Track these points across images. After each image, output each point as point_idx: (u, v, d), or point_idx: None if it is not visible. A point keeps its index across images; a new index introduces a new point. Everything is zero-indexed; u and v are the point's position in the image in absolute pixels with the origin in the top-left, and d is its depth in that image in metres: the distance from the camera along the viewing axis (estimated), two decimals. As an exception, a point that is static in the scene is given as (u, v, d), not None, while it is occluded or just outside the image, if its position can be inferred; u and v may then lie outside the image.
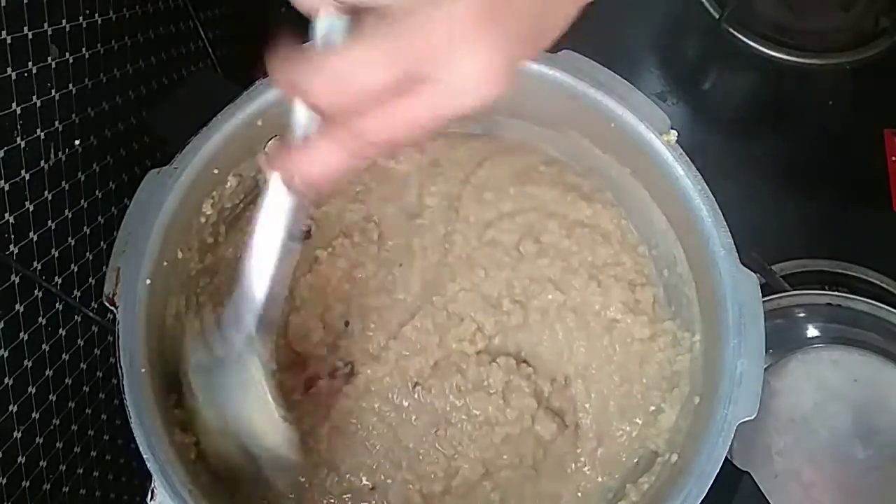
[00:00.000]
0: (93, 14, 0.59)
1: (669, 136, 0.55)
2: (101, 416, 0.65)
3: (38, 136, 0.54)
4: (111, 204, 0.64)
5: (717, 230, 0.53)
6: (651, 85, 0.93)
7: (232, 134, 0.54)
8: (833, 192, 0.87)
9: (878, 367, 0.68)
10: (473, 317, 0.60)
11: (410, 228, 0.63)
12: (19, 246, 0.53)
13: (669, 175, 0.55)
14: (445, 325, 0.60)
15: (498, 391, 0.58)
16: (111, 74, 0.63)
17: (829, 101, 0.92)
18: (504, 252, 0.62)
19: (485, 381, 0.58)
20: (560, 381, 0.59)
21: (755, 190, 0.85)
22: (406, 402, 0.58)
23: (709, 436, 0.48)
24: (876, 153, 0.87)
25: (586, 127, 0.60)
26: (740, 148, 0.90)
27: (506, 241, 0.62)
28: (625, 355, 0.60)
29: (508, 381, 0.58)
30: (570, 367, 0.60)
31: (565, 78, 0.56)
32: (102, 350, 0.64)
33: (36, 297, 0.55)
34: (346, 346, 0.59)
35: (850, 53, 0.92)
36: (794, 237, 0.83)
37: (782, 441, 0.67)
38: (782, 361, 0.69)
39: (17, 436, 0.53)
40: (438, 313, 0.60)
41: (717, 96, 0.96)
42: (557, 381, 0.59)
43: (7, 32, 0.49)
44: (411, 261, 0.62)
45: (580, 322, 0.60)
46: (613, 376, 0.59)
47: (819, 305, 0.72)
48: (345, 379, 0.58)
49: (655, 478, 0.54)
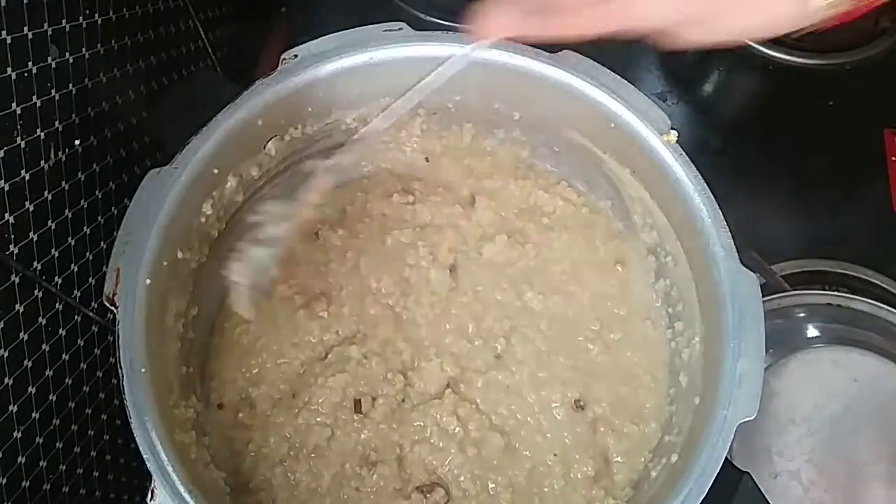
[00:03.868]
0: (93, 14, 0.59)
1: (669, 136, 0.55)
2: (101, 416, 0.65)
3: (38, 136, 0.54)
4: (111, 204, 0.64)
5: (717, 230, 0.53)
6: (651, 85, 0.93)
7: (232, 134, 0.54)
8: (833, 192, 0.87)
9: (878, 367, 0.68)
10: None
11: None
12: (19, 246, 0.53)
13: (669, 175, 0.55)
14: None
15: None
16: (111, 74, 0.63)
17: (829, 101, 0.92)
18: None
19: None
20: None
21: (755, 190, 0.85)
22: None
23: (709, 436, 0.48)
24: (876, 153, 0.87)
25: (586, 127, 0.60)
26: (740, 148, 0.90)
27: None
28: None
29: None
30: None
31: (565, 78, 0.56)
32: (102, 350, 0.64)
33: (36, 297, 0.55)
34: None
35: (850, 53, 0.92)
36: (794, 237, 0.83)
37: (782, 441, 0.67)
38: (782, 361, 0.69)
39: (17, 436, 0.53)
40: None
41: (717, 96, 0.96)
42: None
43: (7, 32, 0.49)
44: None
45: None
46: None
47: (819, 305, 0.72)
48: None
49: (655, 478, 0.54)
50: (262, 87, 0.55)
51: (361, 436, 0.57)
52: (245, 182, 0.58)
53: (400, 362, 0.59)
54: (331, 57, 0.56)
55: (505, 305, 0.62)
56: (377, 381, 0.58)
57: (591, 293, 0.63)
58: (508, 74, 0.57)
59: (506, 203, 0.66)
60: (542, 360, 0.60)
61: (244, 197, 0.60)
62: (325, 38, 0.57)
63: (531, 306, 0.62)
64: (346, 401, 0.57)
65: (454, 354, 0.60)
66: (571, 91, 0.56)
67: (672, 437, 0.55)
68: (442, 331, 0.61)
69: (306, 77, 0.56)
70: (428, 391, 0.58)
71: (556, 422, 0.58)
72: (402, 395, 0.58)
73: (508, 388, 0.59)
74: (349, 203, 0.66)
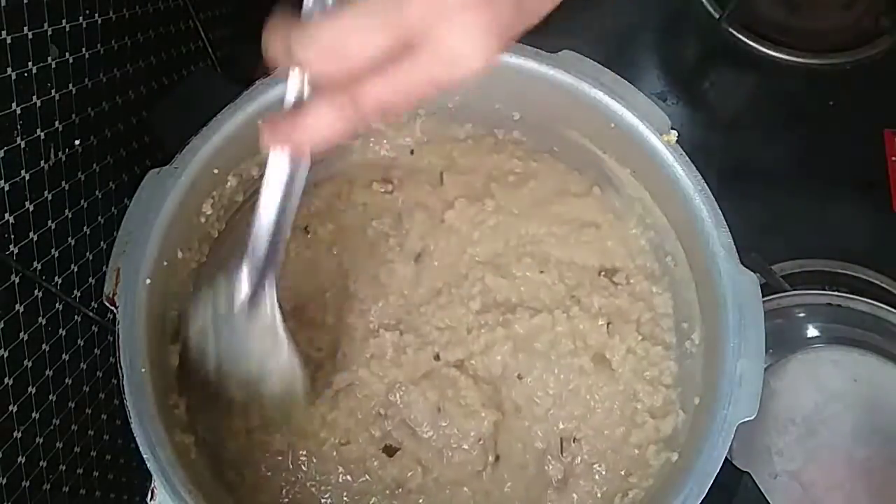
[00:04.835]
0: (93, 14, 0.59)
1: (669, 136, 0.55)
2: (101, 416, 0.65)
3: (38, 136, 0.54)
4: (111, 204, 0.64)
5: (717, 230, 0.53)
6: (651, 85, 0.93)
7: (232, 134, 0.54)
8: (833, 192, 0.87)
9: (878, 367, 0.68)
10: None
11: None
12: (19, 246, 0.53)
13: (669, 175, 0.55)
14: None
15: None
16: (111, 74, 0.63)
17: (829, 101, 0.92)
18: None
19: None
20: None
21: (755, 190, 0.85)
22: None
23: (709, 436, 0.48)
24: (876, 153, 0.87)
25: (586, 127, 0.60)
26: (740, 148, 0.90)
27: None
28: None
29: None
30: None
31: (565, 78, 0.56)
32: (102, 350, 0.64)
33: (36, 297, 0.55)
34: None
35: (850, 53, 0.92)
36: (794, 237, 0.83)
37: (782, 441, 0.67)
38: (782, 361, 0.69)
39: (17, 436, 0.53)
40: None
41: (717, 96, 0.96)
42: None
43: (7, 32, 0.49)
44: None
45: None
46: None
47: (819, 305, 0.72)
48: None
49: (655, 478, 0.54)
50: (262, 87, 0.55)
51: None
52: (245, 182, 0.58)
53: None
54: (331, 57, 0.56)
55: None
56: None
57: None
58: (508, 74, 0.57)
59: (476, 173, 0.66)
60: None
61: (244, 197, 0.60)
62: (325, 37, 0.57)
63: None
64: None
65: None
66: (571, 91, 0.56)
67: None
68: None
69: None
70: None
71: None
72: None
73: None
74: (336, 195, 0.65)
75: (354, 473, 0.56)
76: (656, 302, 0.61)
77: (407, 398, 0.57)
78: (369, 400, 0.58)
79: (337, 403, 0.57)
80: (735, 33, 0.93)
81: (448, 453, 0.57)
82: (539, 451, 0.58)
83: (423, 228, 0.63)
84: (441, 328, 0.60)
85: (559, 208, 0.64)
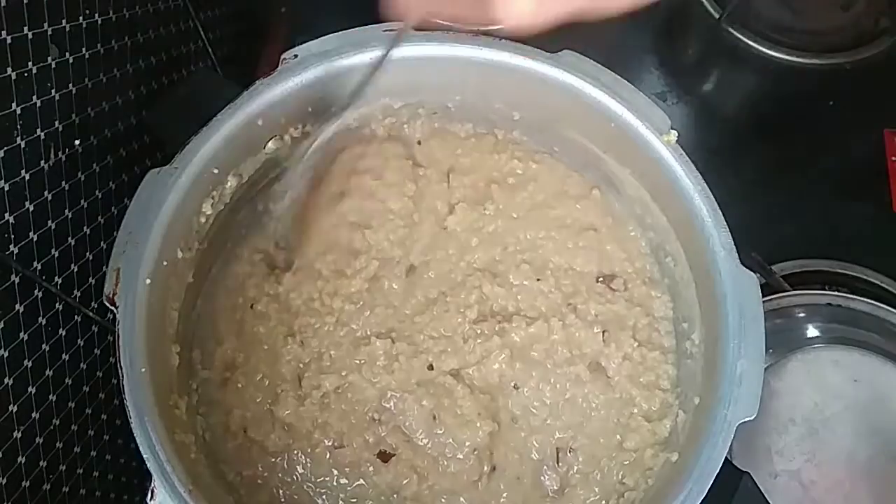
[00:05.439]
0: (93, 14, 0.59)
1: (669, 136, 0.55)
2: (101, 416, 0.65)
3: (38, 136, 0.54)
4: (111, 204, 0.64)
5: (717, 230, 0.53)
6: (651, 85, 0.93)
7: (232, 134, 0.54)
8: (833, 192, 0.87)
9: (878, 367, 0.68)
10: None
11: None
12: (19, 246, 0.52)
13: (669, 175, 0.55)
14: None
15: None
16: (111, 74, 0.63)
17: (829, 101, 0.92)
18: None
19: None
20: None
21: (755, 190, 0.85)
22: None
23: (709, 436, 0.48)
24: (876, 153, 0.87)
25: (586, 127, 0.60)
26: (740, 148, 0.90)
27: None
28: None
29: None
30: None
31: (566, 78, 0.56)
32: (102, 350, 0.64)
33: (36, 297, 0.55)
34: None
35: (850, 53, 0.92)
36: (794, 237, 0.83)
37: (782, 441, 0.67)
38: (782, 361, 0.69)
39: (16, 436, 0.53)
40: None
41: (717, 96, 0.96)
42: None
43: (7, 32, 0.49)
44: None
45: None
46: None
47: (819, 305, 0.72)
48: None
49: (655, 478, 0.54)
50: (262, 87, 0.55)
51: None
52: (245, 182, 0.58)
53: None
54: (331, 57, 0.56)
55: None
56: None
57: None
58: (508, 74, 0.57)
59: (477, 174, 0.65)
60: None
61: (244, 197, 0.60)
62: (326, 37, 0.57)
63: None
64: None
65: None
66: (571, 91, 0.56)
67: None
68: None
69: (306, 77, 0.56)
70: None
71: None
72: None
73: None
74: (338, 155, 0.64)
75: (349, 477, 0.56)
76: (654, 306, 0.61)
77: (401, 405, 0.57)
78: (362, 404, 0.57)
79: (328, 405, 0.57)
80: (735, 33, 0.93)
81: (444, 462, 0.56)
82: (535, 462, 0.57)
83: (428, 240, 0.62)
84: (435, 337, 0.59)
85: (558, 211, 0.64)
